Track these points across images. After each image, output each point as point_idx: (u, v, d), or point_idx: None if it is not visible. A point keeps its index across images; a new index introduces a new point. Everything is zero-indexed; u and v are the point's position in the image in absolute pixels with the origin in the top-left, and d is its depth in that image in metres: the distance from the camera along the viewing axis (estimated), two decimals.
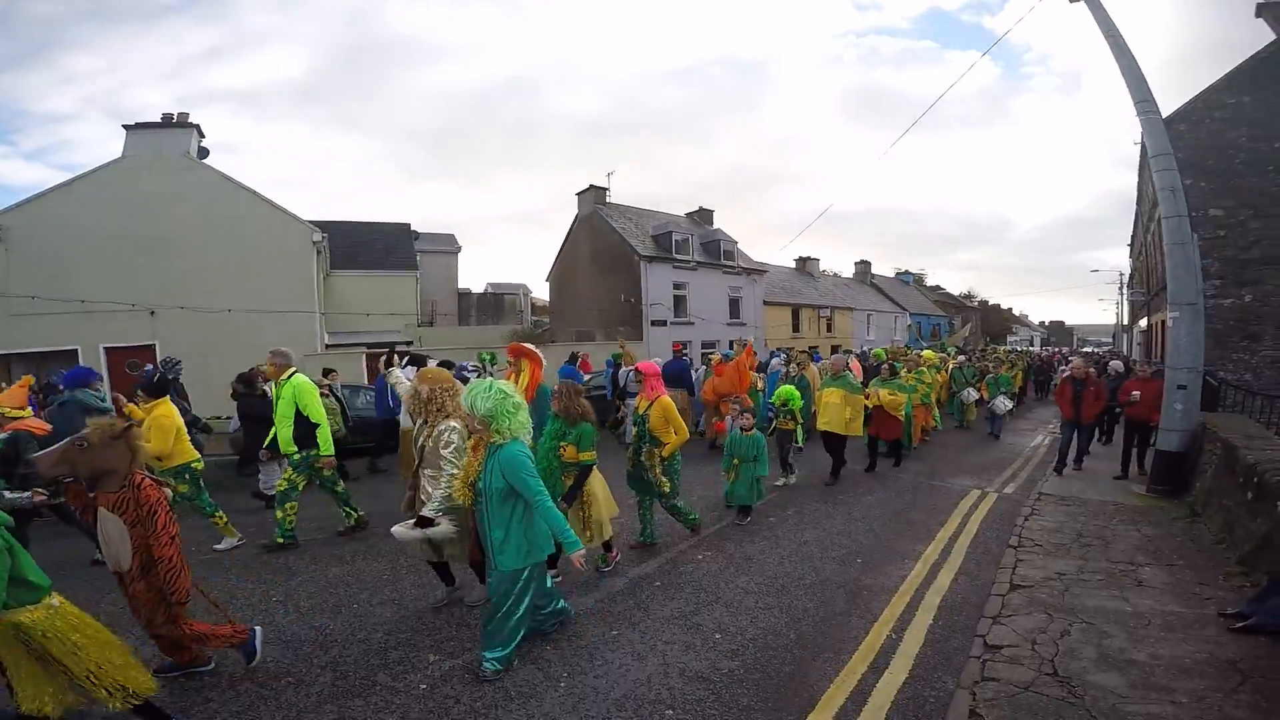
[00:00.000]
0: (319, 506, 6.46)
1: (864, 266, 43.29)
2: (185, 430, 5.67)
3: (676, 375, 10.64)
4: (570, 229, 26.51)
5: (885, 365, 10.07)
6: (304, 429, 5.67)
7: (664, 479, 5.30)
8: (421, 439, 4.10)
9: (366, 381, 12.73)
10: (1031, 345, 57.39)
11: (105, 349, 14.60)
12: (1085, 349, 48.15)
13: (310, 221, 16.79)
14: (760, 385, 10.62)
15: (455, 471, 3.74)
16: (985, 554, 5.33)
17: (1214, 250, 13.38)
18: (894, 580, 4.75)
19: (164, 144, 15.40)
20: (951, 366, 14.04)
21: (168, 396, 5.69)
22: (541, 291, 31.34)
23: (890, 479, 8.17)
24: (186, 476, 5.52)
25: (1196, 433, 7.09)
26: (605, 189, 25.43)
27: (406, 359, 7.46)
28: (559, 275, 27.57)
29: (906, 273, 49.88)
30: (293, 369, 5.82)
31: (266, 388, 7.47)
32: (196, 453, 5.71)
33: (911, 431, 9.82)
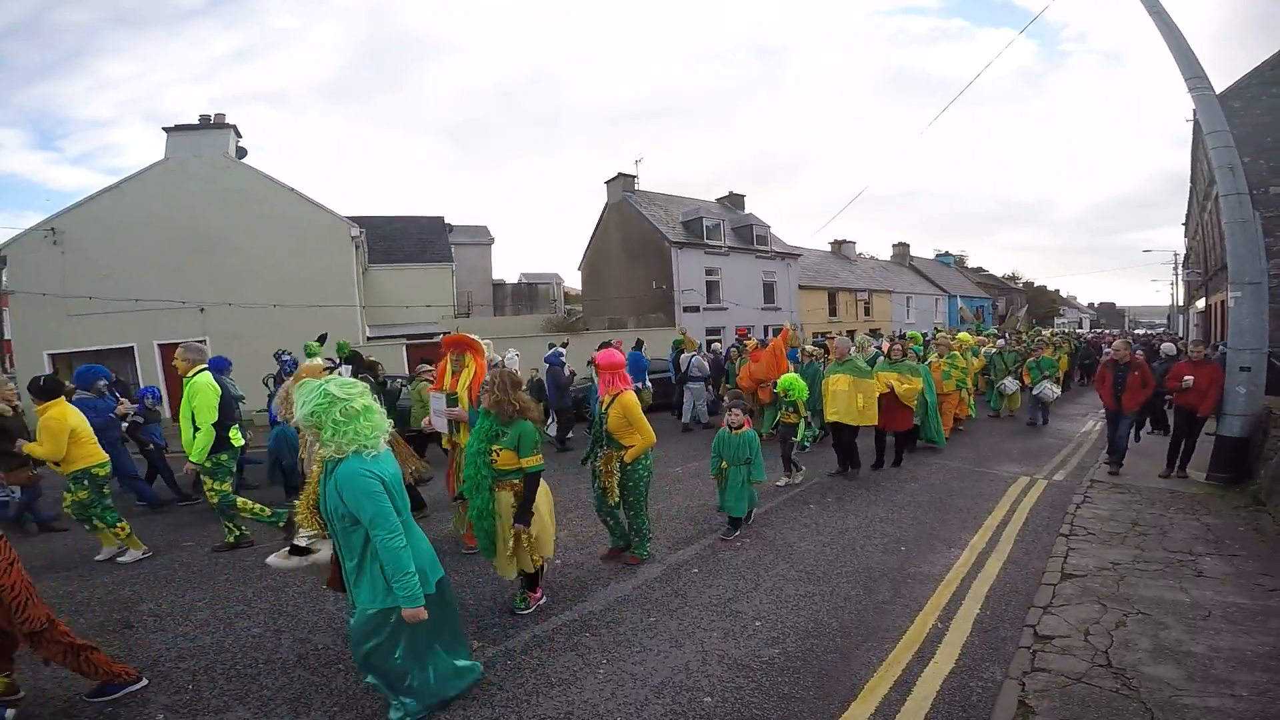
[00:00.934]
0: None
1: (902, 248, 42.32)
2: (89, 432, 5.18)
3: (631, 372, 10.34)
4: (600, 217, 26.56)
5: (896, 345, 8.71)
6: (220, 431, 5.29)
7: (615, 487, 4.59)
8: (303, 452, 3.76)
9: (408, 372, 12.96)
10: (1080, 327, 55.43)
11: (159, 345, 15.20)
12: (1138, 330, 46.29)
13: (347, 217, 17.15)
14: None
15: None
16: (1035, 542, 5.19)
17: (1277, 228, 12.75)
18: (939, 568, 4.66)
19: (203, 145, 15.90)
20: (990, 351, 12.91)
21: (61, 398, 5.12)
22: (574, 280, 31.52)
23: (934, 465, 7.99)
24: (86, 482, 5.07)
25: (1261, 417, 6.76)
26: (634, 176, 25.40)
27: (344, 359, 6.62)
28: (590, 263, 27.68)
29: (947, 254, 48.56)
30: (202, 366, 5.34)
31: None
32: (103, 456, 5.23)
33: (938, 424, 8.97)
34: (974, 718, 2.93)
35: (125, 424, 7.09)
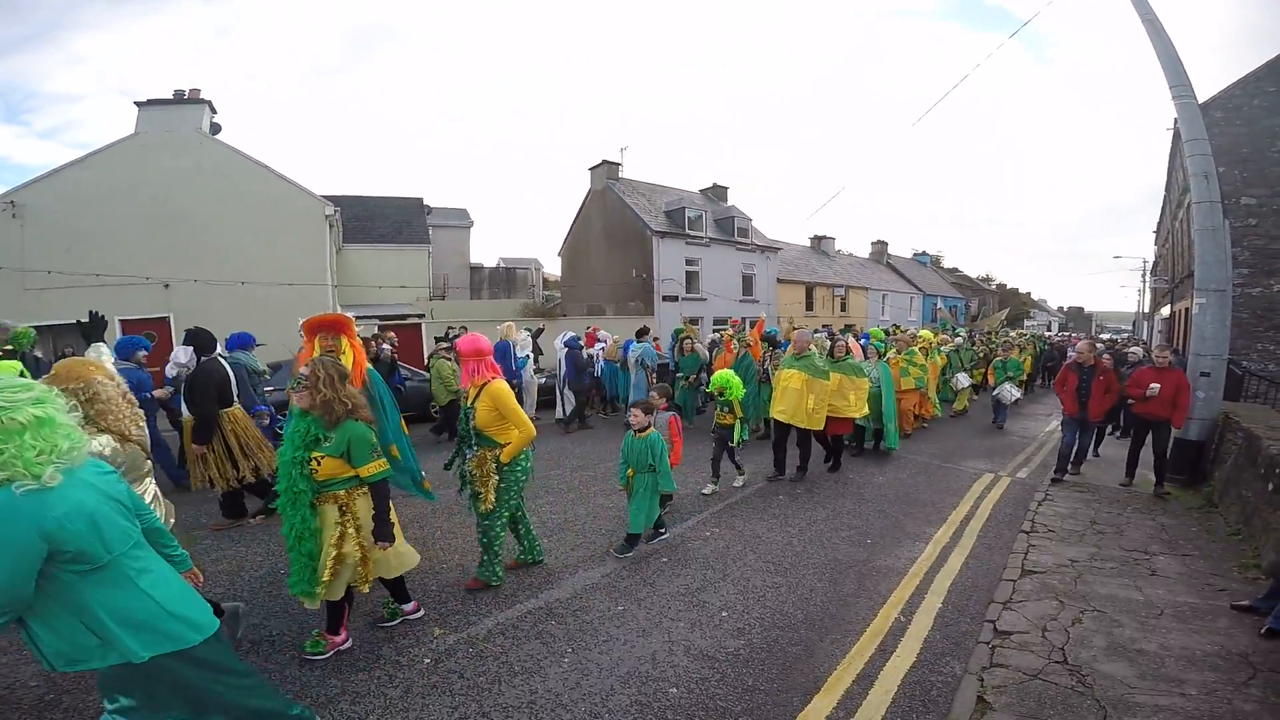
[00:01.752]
0: None
1: (880, 246, 42.78)
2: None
3: (644, 362, 10.39)
4: (583, 204, 26.36)
5: (840, 342, 7.65)
6: None
7: (491, 491, 3.92)
8: None
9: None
10: (1049, 330, 56.70)
11: (121, 321, 14.75)
12: (1104, 335, 47.39)
13: (322, 196, 16.78)
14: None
15: None
16: (997, 538, 5.28)
17: (1244, 238, 13.13)
18: (904, 562, 4.72)
19: (176, 120, 15.44)
20: (947, 349, 12.53)
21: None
22: (553, 266, 31.33)
23: (902, 460, 8.10)
24: None
25: (1217, 422, 6.95)
26: (618, 164, 25.23)
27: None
28: (571, 250, 27.49)
29: (924, 253, 49.25)
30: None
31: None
32: None
33: (895, 424, 8.43)
34: (934, 712, 2.96)
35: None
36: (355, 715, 2.86)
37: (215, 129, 16.42)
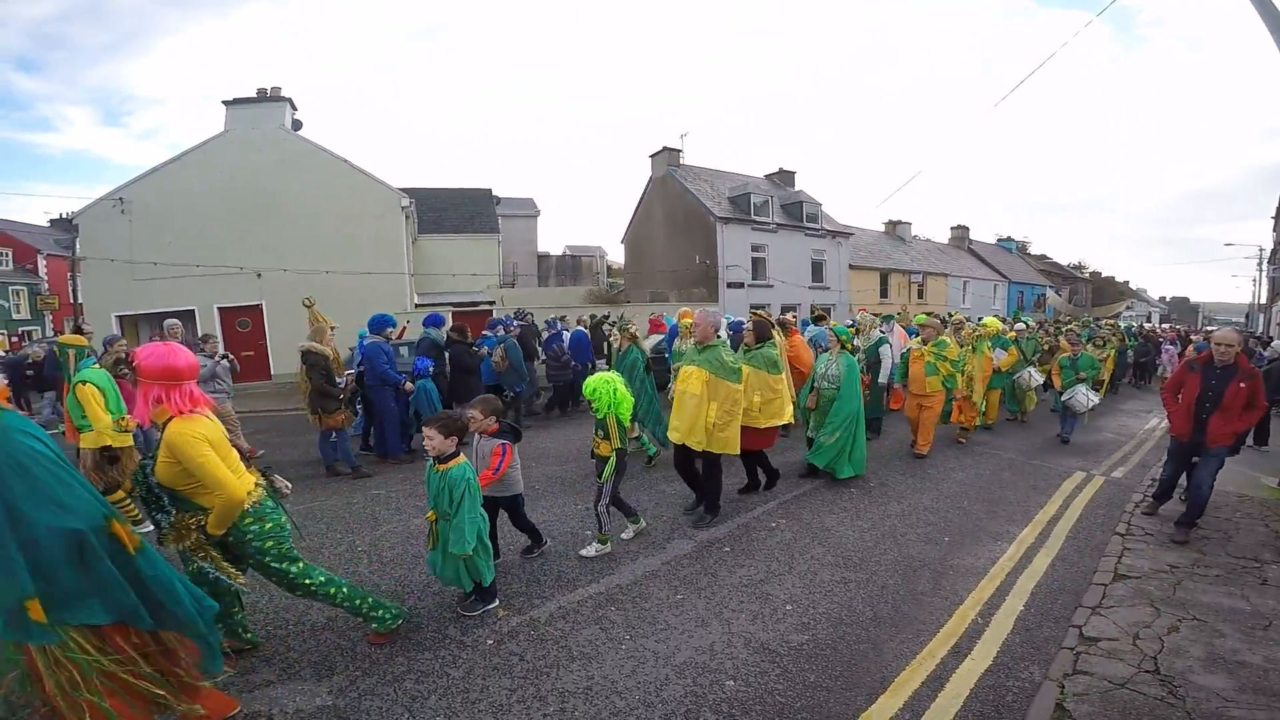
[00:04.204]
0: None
1: (961, 231, 40.62)
2: None
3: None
4: (644, 191, 26.31)
5: (764, 319, 5.88)
6: None
7: (224, 564, 2.89)
8: None
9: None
10: (1148, 321, 52.43)
11: (219, 309, 15.88)
12: (1209, 328, 43.29)
13: (398, 188, 17.43)
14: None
15: None
16: (1088, 540, 4.93)
17: None
18: (983, 562, 4.47)
19: (261, 117, 16.37)
20: (1009, 339, 10.03)
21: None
22: (617, 254, 31.50)
23: (984, 455, 7.65)
24: None
25: None
26: (679, 151, 25.02)
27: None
28: (634, 237, 27.54)
29: (1008, 239, 46.38)
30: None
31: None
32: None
33: (862, 447, 6.32)
34: (1007, 718, 2.80)
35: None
36: (418, 693, 2.93)
37: (296, 125, 17.30)
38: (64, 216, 16.26)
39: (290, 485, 3.54)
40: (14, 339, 19.40)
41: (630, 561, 4.40)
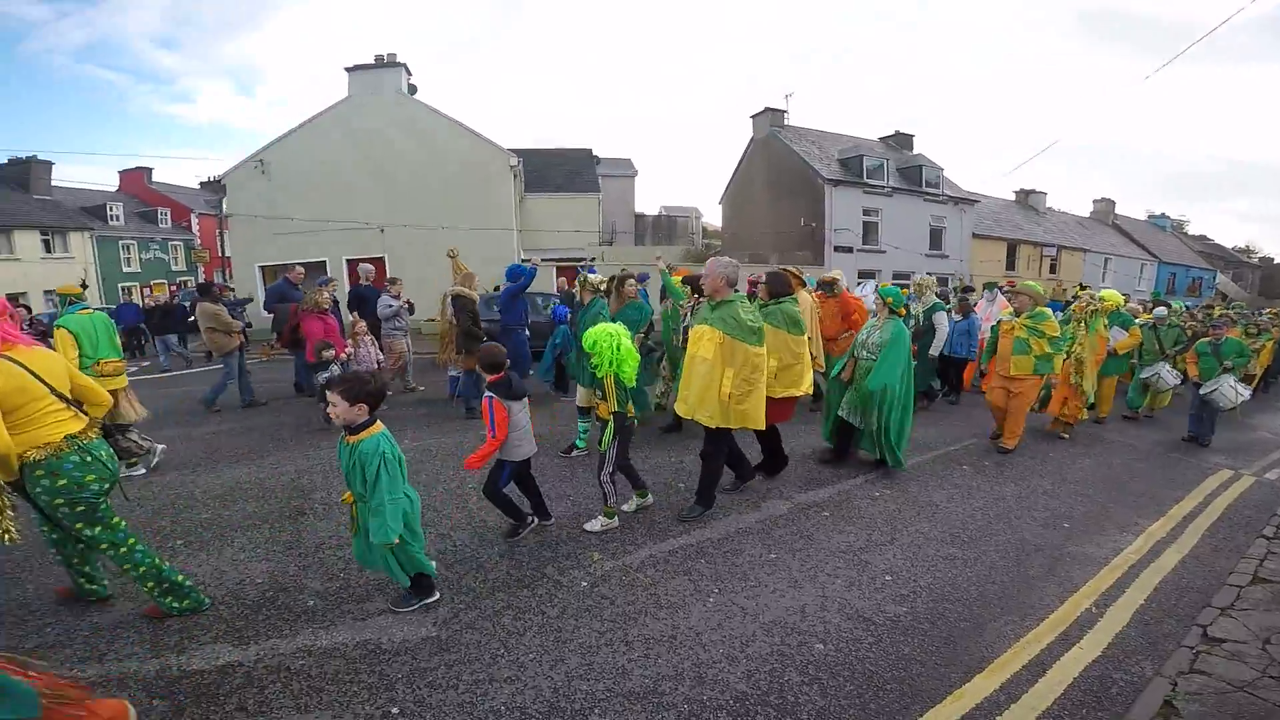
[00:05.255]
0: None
1: (1105, 205, 36.59)
2: None
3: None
4: (745, 152, 25.71)
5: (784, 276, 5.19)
6: None
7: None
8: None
9: (554, 290, 13.42)
10: None
11: (346, 260, 17.13)
12: None
13: (507, 148, 17.97)
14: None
15: None
16: (1227, 540, 4.42)
17: None
18: (1106, 551, 4.12)
19: (380, 82, 17.36)
20: (1144, 323, 8.41)
21: None
22: (712, 215, 31.10)
23: (1115, 444, 6.95)
24: None
25: None
26: (783, 111, 24.20)
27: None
28: (732, 198, 27.05)
29: (1162, 216, 41.27)
30: None
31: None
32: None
33: (904, 431, 5.32)
34: (1109, 710, 2.62)
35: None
36: (515, 630, 3.05)
37: (411, 89, 18.13)
38: (212, 179, 18.06)
39: (153, 446, 3.35)
40: (173, 288, 22.15)
41: (723, 517, 4.39)
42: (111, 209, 29.87)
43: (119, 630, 2.98)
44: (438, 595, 3.30)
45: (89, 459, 2.86)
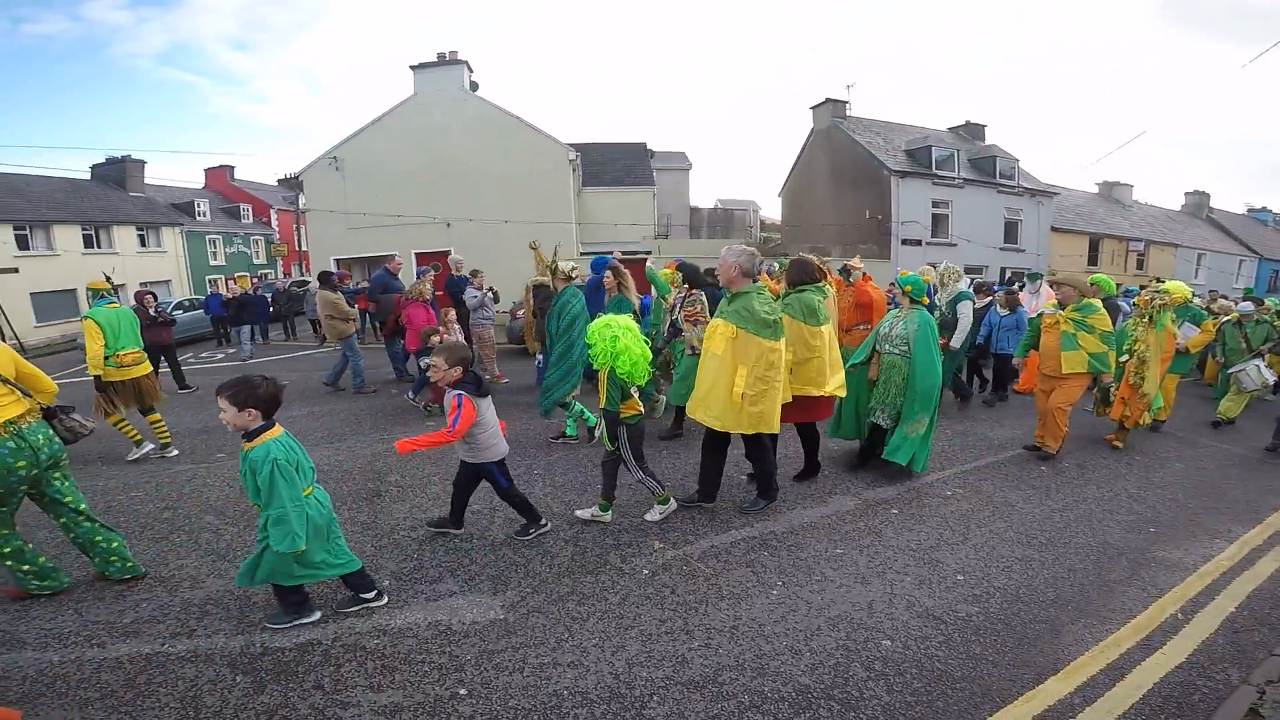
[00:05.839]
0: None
1: (1198, 198, 34.10)
2: None
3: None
4: (805, 144, 25.16)
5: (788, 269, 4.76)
6: None
7: None
8: None
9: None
10: None
11: (415, 254, 17.77)
12: None
13: (565, 143, 18.22)
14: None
15: None
16: None
17: None
18: (1195, 558, 3.90)
19: (444, 80, 17.87)
20: (1227, 322, 7.85)
21: None
22: (770, 209, 30.67)
23: (1209, 448, 6.49)
24: None
25: None
26: (844, 102, 23.55)
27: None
28: (792, 191, 26.55)
29: (1263, 210, 38.09)
30: None
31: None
32: None
33: (926, 433, 4.94)
34: (1188, 716, 2.51)
35: None
36: (579, 615, 3.10)
37: (473, 86, 18.58)
38: (289, 176, 19.08)
39: (88, 426, 3.53)
40: (254, 279, 23.51)
41: (787, 511, 4.37)
42: (199, 205, 31.76)
43: (208, 607, 3.19)
44: (377, 592, 3.22)
45: (23, 445, 3.07)
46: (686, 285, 5.89)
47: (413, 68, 17.99)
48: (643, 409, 3.98)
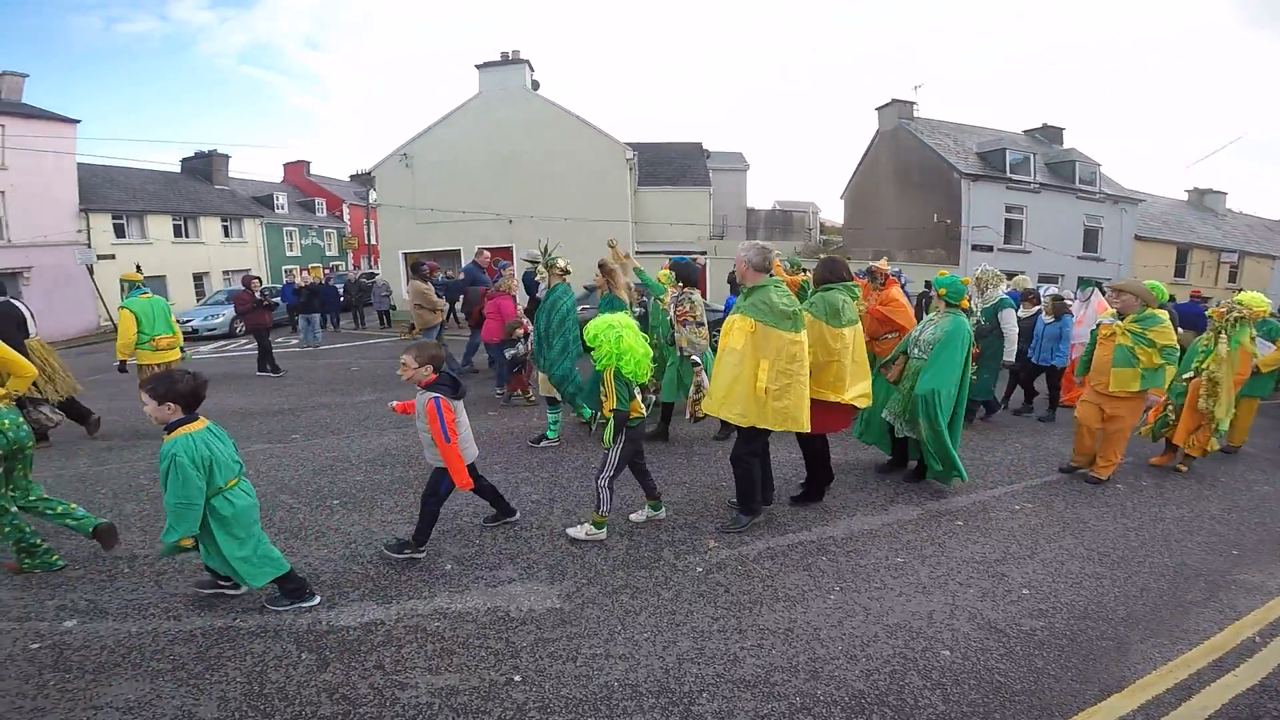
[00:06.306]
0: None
1: None
2: None
3: None
4: (870, 145, 24.68)
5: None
6: None
7: None
8: None
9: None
10: None
11: (478, 249, 18.30)
12: None
13: (623, 142, 18.44)
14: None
15: None
16: None
17: None
18: (1278, 582, 3.70)
19: (506, 79, 18.31)
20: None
21: None
22: (831, 210, 30.18)
23: None
24: None
25: None
26: (912, 103, 22.98)
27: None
28: (855, 193, 26.02)
29: None
30: None
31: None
32: None
33: (951, 440, 4.57)
34: None
35: None
36: (632, 609, 3.16)
37: (535, 85, 18.97)
38: (361, 172, 19.90)
39: (53, 419, 3.65)
40: (327, 270, 24.68)
41: (846, 516, 4.35)
42: (277, 198, 33.49)
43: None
44: (308, 595, 3.19)
45: None
46: (680, 284, 5.83)
47: (478, 67, 18.50)
48: (644, 411, 3.98)
